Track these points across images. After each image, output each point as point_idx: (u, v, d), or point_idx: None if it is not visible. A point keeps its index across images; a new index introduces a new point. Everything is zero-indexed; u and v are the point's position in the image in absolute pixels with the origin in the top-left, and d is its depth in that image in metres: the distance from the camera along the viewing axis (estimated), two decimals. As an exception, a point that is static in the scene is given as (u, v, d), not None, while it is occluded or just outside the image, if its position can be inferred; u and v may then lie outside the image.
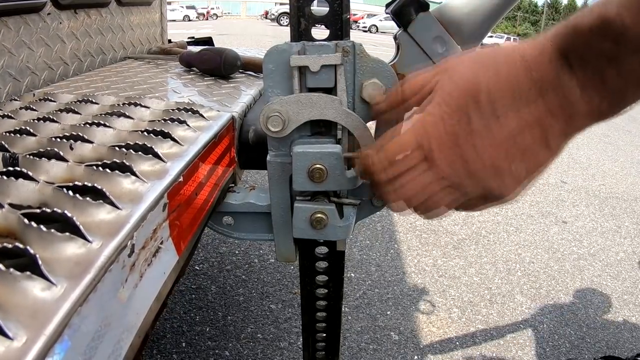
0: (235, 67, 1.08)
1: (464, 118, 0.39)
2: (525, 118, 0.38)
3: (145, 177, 0.50)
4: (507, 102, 0.38)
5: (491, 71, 0.38)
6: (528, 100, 0.37)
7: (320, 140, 0.55)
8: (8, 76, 0.85)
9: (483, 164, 0.39)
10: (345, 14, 0.56)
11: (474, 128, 0.39)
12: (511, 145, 0.39)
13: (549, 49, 0.37)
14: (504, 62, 0.38)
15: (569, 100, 0.37)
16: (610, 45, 0.34)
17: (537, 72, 0.37)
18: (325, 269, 0.79)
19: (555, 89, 0.37)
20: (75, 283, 0.35)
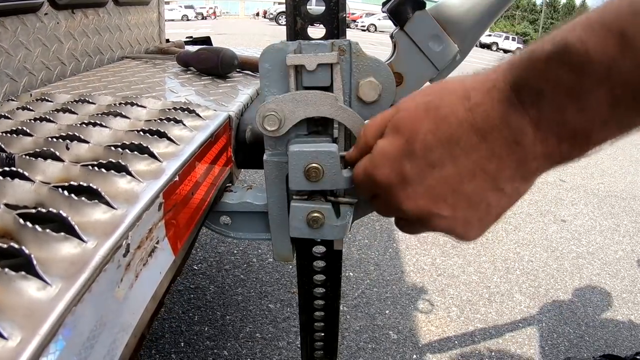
0: (233, 66, 1.08)
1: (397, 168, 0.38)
2: (464, 166, 0.36)
3: (141, 177, 0.50)
4: (444, 152, 0.36)
5: (431, 119, 0.36)
6: (467, 147, 0.35)
7: (316, 140, 0.55)
8: (5, 76, 0.85)
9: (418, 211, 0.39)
10: (341, 13, 0.56)
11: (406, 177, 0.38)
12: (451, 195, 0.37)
13: (499, 85, 0.34)
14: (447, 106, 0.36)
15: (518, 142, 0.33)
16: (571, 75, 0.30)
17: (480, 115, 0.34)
18: (323, 268, 0.79)
19: (501, 131, 0.34)
20: (70, 283, 0.34)
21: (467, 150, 0.35)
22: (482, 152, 0.35)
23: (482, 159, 0.35)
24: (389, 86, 0.55)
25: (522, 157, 0.34)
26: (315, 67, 0.52)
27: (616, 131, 0.31)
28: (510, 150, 0.34)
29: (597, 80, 0.29)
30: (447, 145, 0.36)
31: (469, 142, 0.35)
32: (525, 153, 0.34)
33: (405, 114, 0.39)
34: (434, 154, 0.36)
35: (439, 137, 0.36)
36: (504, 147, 0.34)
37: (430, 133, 0.36)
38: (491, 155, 0.35)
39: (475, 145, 0.35)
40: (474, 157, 0.35)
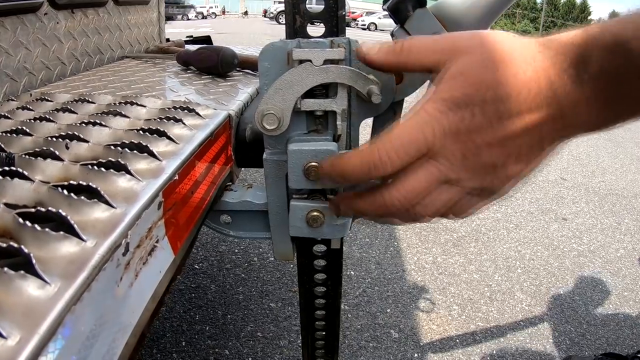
0: (233, 65, 1.08)
1: (467, 114, 0.38)
2: (526, 123, 0.38)
3: (141, 176, 0.50)
4: (513, 106, 0.37)
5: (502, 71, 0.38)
6: (532, 107, 0.37)
7: (316, 138, 0.55)
8: (5, 76, 0.85)
9: (480, 160, 0.40)
10: (340, 11, 0.55)
11: (476, 126, 0.38)
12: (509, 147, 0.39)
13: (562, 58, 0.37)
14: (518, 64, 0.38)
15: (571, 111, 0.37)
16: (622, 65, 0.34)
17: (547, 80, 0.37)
18: (324, 267, 0.79)
19: (561, 100, 0.37)
20: (70, 282, 0.34)
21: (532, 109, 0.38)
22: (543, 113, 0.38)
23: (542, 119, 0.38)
24: (389, 84, 0.55)
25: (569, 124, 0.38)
26: (322, 62, 0.51)
27: None
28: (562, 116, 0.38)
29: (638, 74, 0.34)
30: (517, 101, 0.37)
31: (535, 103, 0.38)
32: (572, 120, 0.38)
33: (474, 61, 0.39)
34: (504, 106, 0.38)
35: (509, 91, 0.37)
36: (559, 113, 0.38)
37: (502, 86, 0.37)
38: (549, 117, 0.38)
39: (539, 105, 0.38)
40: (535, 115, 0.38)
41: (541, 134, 0.39)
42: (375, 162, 0.40)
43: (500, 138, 0.38)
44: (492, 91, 0.37)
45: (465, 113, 0.38)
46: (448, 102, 0.38)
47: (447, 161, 0.40)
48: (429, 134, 0.39)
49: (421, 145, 0.39)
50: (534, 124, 0.38)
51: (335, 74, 0.51)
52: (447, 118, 0.38)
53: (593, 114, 0.37)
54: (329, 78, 0.51)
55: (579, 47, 0.36)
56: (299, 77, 0.51)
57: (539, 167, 0.42)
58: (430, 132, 0.39)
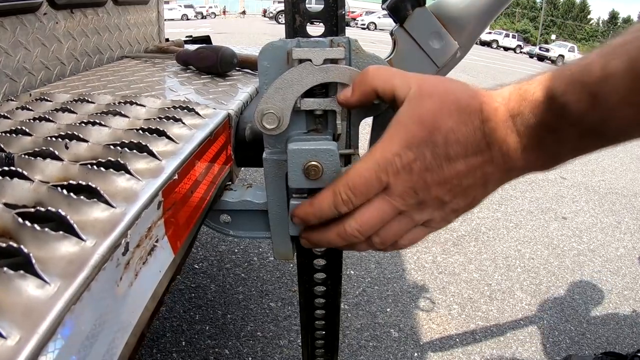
0: (232, 65, 1.08)
1: (420, 155, 0.43)
2: (472, 164, 0.44)
3: (140, 175, 0.50)
4: (460, 149, 0.43)
5: (453, 118, 0.43)
6: (477, 150, 0.43)
7: (315, 137, 0.55)
8: (5, 76, 0.85)
9: (430, 196, 0.45)
10: (340, 10, 0.55)
11: (427, 166, 0.44)
12: (455, 185, 0.45)
13: (502, 109, 0.42)
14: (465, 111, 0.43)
15: (510, 156, 0.42)
16: (552, 117, 0.39)
17: (490, 128, 0.42)
18: (324, 266, 0.79)
19: (501, 145, 0.42)
20: (69, 281, 0.34)
21: (476, 152, 0.43)
22: (486, 157, 0.43)
23: (485, 162, 0.44)
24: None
25: (509, 167, 0.44)
26: (322, 61, 0.51)
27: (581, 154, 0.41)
28: (503, 160, 0.43)
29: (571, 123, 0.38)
30: (464, 144, 0.43)
31: (479, 146, 0.43)
32: (512, 165, 0.43)
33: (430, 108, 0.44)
34: (452, 149, 0.43)
35: (458, 137, 0.43)
36: (500, 157, 0.43)
37: (452, 132, 0.43)
38: (491, 161, 0.43)
39: (483, 150, 0.43)
40: (480, 158, 0.43)
41: (484, 174, 0.44)
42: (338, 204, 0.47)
43: (448, 177, 0.44)
44: (443, 136, 0.43)
45: (419, 154, 0.43)
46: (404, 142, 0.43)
47: (400, 197, 0.45)
48: (384, 176, 0.44)
49: (377, 186, 0.45)
50: (478, 166, 0.44)
51: (335, 73, 0.51)
52: (401, 159, 0.44)
53: (532, 158, 0.42)
54: (328, 78, 0.51)
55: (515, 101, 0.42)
56: (298, 76, 0.51)
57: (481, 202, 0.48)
58: (384, 175, 0.44)
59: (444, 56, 0.58)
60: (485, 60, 15.39)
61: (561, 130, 0.39)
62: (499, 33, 30.38)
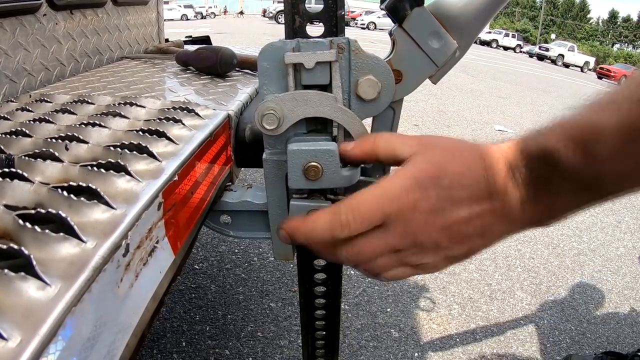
0: (232, 65, 1.08)
1: (427, 194, 0.43)
2: (474, 211, 0.44)
3: (140, 177, 0.50)
4: (463, 195, 0.43)
5: (458, 164, 0.44)
6: (479, 198, 0.43)
7: (315, 138, 0.55)
8: (4, 78, 0.85)
9: (427, 239, 0.45)
10: (340, 11, 0.55)
11: (431, 207, 0.44)
12: (456, 230, 0.44)
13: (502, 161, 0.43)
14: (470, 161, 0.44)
15: (510, 208, 0.43)
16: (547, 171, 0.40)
17: (492, 178, 0.43)
18: (324, 266, 0.79)
19: (502, 197, 0.43)
20: (70, 283, 0.34)
21: (479, 200, 0.43)
22: (487, 206, 0.44)
23: (486, 211, 0.44)
24: (388, 84, 0.55)
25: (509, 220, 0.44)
26: (313, 65, 0.51)
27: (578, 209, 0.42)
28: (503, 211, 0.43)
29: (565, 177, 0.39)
30: (468, 190, 0.43)
31: (481, 195, 0.43)
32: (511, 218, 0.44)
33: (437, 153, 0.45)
34: (457, 193, 0.43)
35: (462, 182, 0.43)
36: (500, 208, 0.43)
37: (457, 175, 0.43)
38: (492, 211, 0.44)
39: (484, 198, 0.43)
40: (481, 207, 0.44)
41: (484, 224, 0.44)
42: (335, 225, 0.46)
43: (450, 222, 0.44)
44: (449, 179, 0.43)
45: (425, 194, 0.43)
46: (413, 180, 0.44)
47: (399, 236, 0.45)
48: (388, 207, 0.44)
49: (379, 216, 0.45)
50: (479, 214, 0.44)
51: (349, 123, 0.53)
52: (408, 195, 0.44)
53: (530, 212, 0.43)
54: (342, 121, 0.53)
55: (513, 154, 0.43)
56: (318, 102, 0.52)
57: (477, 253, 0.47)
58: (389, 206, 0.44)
59: (444, 56, 0.58)
60: (486, 60, 15.39)
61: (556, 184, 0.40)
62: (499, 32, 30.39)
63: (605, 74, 20.51)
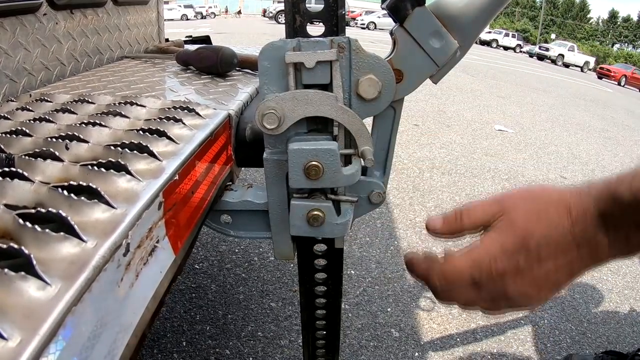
0: (232, 65, 1.08)
1: (513, 260, 0.47)
2: (561, 262, 0.46)
3: (141, 176, 0.50)
4: (551, 251, 0.46)
5: (543, 224, 0.46)
6: (566, 250, 0.46)
7: (316, 137, 0.55)
8: (4, 77, 0.85)
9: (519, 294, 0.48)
10: (340, 10, 0.55)
11: (520, 269, 0.47)
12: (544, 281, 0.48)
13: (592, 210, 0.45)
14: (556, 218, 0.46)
15: (597, 253, 0.45)
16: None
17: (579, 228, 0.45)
18: (324, 266, 0.79)
19: (590, 244, 0.45)
20: (70, 283, 0.34)
21: (565, 252, 0.46)
22: (574, 255, 0.46)
23: (574, 260, 0.46)
24: (389, 83, 0.55)
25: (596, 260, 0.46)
26: (314, 64, 0.51)
27: None
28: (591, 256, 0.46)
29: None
30: (554, 247, 0.46)
31: (569, 247, 0.46)
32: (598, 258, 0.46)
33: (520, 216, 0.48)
34: (544, 252, 0.46)
35: (549, 240, 0.46)
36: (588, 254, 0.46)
37: (543, 237, 0.46)
38: (580, 258, 0.46)
39: (572, 249, 0.46)
40: (569, 257, 0.46)
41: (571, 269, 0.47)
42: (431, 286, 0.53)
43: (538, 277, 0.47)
44: (535, 242, 0.46)
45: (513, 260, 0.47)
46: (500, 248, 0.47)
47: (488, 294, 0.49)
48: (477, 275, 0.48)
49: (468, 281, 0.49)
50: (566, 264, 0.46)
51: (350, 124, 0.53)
52: (497, 264, 0.47)
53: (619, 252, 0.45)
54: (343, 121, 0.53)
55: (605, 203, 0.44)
56: (319, 101, 0.52)
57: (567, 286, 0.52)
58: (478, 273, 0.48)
59: (444, 55, 0.58)
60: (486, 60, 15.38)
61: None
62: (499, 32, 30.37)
63: (605, 74, 20.50)
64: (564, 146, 4.42)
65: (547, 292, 0.49)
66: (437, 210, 2.79)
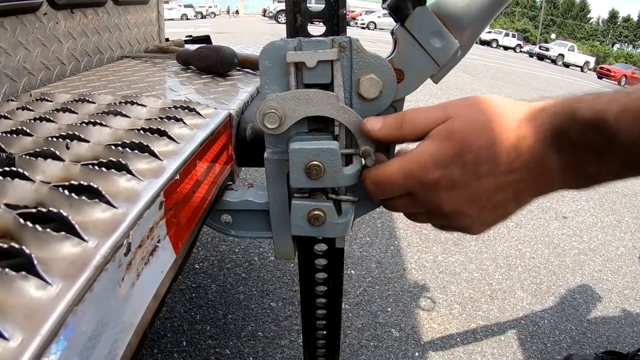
0: (233, 64, 1.08)
1: (448, 172, 0.43)
2: (503, 181, 0.43)
3: (142, 176, 0.50)
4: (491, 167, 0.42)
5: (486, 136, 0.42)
6: (510, 169, 0.42)
7: (317, 137, 0.55)
8: (5, 77, 0.85)
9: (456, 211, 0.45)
10: (341, 10, 0.55)
11: (454, 183, 0.43)
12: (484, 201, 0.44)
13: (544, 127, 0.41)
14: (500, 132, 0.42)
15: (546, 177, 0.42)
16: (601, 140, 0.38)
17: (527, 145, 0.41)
18: (325, 266, 0.79)
19: (538, 165, 0.41)
20: (71, 282, 0.34)
21: (508, 170, 0.42)
22: (519, 175, 0.42)
23: (517, 180, 0.42)
24: (390, 83, 0.54)
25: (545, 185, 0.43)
26: (315, 64, 0.51)
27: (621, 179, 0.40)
28: (539, 178, 0.42)
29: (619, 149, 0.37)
30: (495, 163, 0.42)
31: (512, 165, 0.42)
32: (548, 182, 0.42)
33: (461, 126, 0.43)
34: (483, 167, 0.42)
35: (489, 155, 0.42)
36: (535, 175, 0.42)
37: (483, 149, 0.42)
38: (525, 179, 0.42)
39: (516, 168, 0.42)
40: (512, 177, 0.42)
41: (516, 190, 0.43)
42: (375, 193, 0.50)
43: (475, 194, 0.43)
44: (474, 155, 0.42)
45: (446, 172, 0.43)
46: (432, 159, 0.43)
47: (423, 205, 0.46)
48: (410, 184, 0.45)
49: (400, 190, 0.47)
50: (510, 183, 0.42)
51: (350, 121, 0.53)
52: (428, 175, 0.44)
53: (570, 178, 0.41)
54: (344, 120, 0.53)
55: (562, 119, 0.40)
56: (320, 101, 0.52)
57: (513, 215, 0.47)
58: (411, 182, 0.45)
59: (445, 55, 0.57)
60: (486, 60, 15.38)
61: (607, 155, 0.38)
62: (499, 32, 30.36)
63: (605, 74, 20.50)
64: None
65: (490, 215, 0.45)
66: (437, 210, 2.78)
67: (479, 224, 0.46)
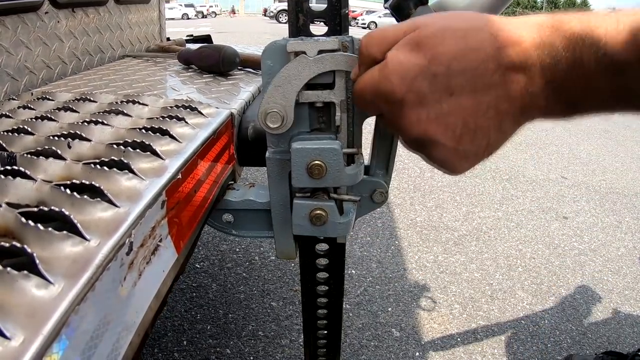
0: (234, 64, 1.08)
1: (414, 86, 0.37)
2: (481, 100, 0.36)
3: (144, 175, 0.50)
4: (465, 81, 0.36)
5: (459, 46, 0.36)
6: (488, 83, 0.36)
7: (319, 137, 0.55)
8: (6, 76, 0.84)
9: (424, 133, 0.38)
10: (343, 9, 0.55)
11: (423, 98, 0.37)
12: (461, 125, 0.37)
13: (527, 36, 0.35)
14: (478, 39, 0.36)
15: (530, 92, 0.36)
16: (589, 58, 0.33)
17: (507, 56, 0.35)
18: (326, 265, 0.79)
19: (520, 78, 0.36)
20: (73, 281, 0.34)
21: (488, 85, 0.36)
22: (500, 92, 0.36)
23: (499, 97, 0.36)
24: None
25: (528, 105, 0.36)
26: (316, 53, 0.51)
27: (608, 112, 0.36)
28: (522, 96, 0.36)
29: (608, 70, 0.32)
30: (471, 76, 0.36)
31: (491, 79, 0.36)
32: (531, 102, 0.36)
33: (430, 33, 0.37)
34: (456, 80, 0.36)
35: (464, 66, 0.36)
36: (518, 93, 0.36)
37: (455, 60, 0.36)
38: (507, 96, 0.36)
39: (496, 83, 0.36)
40: (492, 94, 0.36)
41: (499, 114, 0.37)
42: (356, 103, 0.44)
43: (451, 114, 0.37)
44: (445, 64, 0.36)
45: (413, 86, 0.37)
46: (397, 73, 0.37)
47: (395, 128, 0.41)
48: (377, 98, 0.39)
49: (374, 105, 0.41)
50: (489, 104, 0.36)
51: (330, 62, 0.50)
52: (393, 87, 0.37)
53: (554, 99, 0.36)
54: (325, 67, 0.50)
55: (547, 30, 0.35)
56: (295, 71, 0.51)
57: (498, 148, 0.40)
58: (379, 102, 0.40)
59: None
60: (486, 60, 15.36)
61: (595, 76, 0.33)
62: (500, 32, 30.37)
63: (606, 74, 20.46)
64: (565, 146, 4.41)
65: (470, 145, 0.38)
66: (438, 210, 2.79)
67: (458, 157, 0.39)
